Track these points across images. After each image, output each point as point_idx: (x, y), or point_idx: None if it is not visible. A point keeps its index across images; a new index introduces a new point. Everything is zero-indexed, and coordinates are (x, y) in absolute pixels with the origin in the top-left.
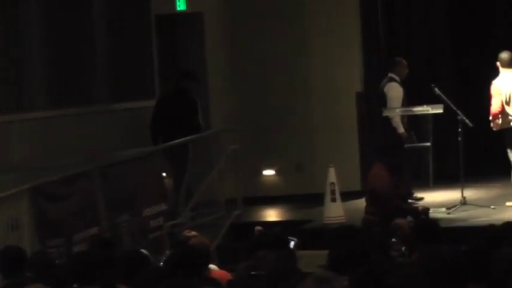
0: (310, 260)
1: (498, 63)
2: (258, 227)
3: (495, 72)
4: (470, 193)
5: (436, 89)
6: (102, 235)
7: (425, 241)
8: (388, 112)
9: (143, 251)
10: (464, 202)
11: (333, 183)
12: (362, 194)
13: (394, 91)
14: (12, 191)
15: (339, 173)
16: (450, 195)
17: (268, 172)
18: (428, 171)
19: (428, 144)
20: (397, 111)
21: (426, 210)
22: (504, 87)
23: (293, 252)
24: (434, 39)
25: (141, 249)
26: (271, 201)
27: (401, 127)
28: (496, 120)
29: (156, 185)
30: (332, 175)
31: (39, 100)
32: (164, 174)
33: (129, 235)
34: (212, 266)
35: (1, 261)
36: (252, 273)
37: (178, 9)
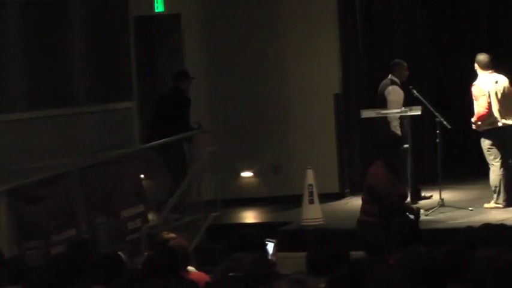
0: (288, 262)
1: (476, 66)
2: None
3: (473, 75)
4: (448, 195)
5: (415, 91)
6: (80, 237)
7: (403, 243)
8: (366, 114)
9: (120, 253)
10: (442, 204)
11: (311, 185)
12: (340, 195)
13: (395, 95)
14: None
15: (317, 175)
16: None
17: (246, 174)
18: (407, 172)
19: (407, 146)
20: (373, 114)
21: (418, 210)
22: (486, 88)
23: (271, 254)
24: (413, 41)
25: (119, 252)
26: (249, 203)
27: (398, 131)
28: (483, 121)
29: (134, 186)
30: (310, 177)
31: (17, 102)
32: (142, 176)
33: (106, 237)
34: (190, 267)
35: None
36: (230, 275)
37: (156, 10)
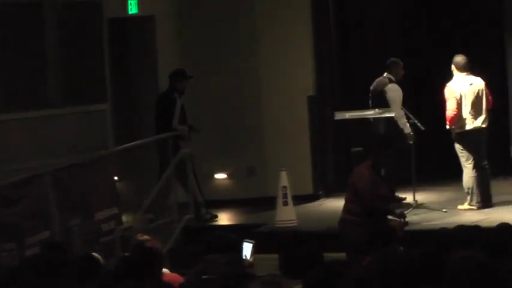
0: (262, 263)
1: (453, 67)
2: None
3: (448, 76)
4: (422, 196)
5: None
6: (54, 239)
7: (378, 244)
8: (340, 116)
9: (95, 255)
10: (416, 205)
11: (284, 187)
12: (314, 197)
13: (396, 92)
14: None
15: (291, 177)
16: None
17: (220, 176)
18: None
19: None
20: (347, 115)
21: (403, 214)
22: (458, 90)
23: (249, 255)
24: (387, 43)
25: (93, 253)
26: (223, 204)
27: (408, 127)
28: (453, 124)
29: (108, 188)
30: (284, 179)
31: None
32: (116, 177)
33: (81, 239)
34: (164, 269)
35: None
36: (204, 277)
37: (130, 12)
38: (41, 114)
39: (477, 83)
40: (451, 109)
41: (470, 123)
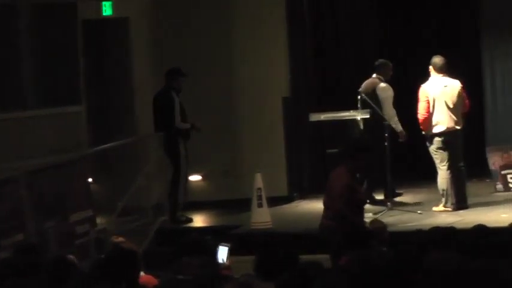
0: (237, 265)
1: (431, 67)
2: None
3: (423, 77)
4: (397, 198)
5: (363, 95)
6: (28, 241)
7: (353, 246)
8: (314, 117)
9: (69, 256)
10: (391, 207)
11: (259, 189)
12: (289, 199)
13: (388, 91)
14: None
15: (266, 179)
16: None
17: (195, 178)
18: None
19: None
20: (322, 117)
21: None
22: (432, 91)
23: (225, 258)
24: (362, 44)
25: (68, 255)
26: (198, 206)
27: (399, 126)
28: (425, 126)
29: (83, 190)
30: (259, 180)
31: None
32: (91, 179)
33: (55, 241)
34: None
35: None
36: (178, 278)
37: (105, 14)
38: (16, 116)
39: (453, 85)
40: (422, 112)
41: (444, 125)
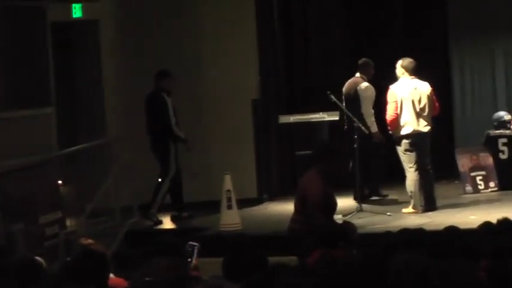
0: (206, 267)
1: (400, 69)
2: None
3: (391, 79)
4: (366, 200)
5: (332, 96)
6: None
7: (322, 246)
8: (283, 119)
9: (38, 258)
10: (360, 209)
11: (229, 191)
12: (258, 201)
13: (369, 91)
14: None
15: (235, 181)
16: (346, 202)
17: None
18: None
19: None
20: (291, 119)
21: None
22: (400, 93)
23: (193, 258)
24: (331, 46)
25: (36, 257)
26: (167, 208)
27: (375, 126)
28: (393, 128)
29: (52, 192)
30: (228, 182)
31: None
32: (60, 181)
33: (24, 243)
34: None
35: None
36: (147, 280)
37: (74, 16)
38: None
39: (422, 88)
40: (390, 113)
41: (412, 127)
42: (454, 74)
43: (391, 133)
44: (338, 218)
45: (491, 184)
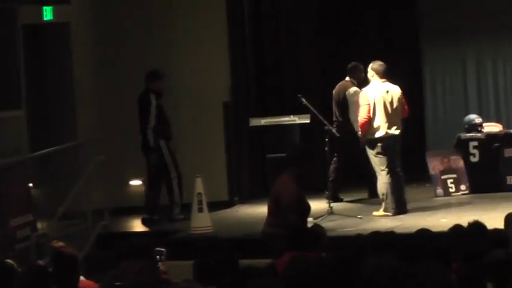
0: (177, 270)
1: (371, 72)
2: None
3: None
4: (337, 203)
5: (303, 99)
6: None
7: (294, 249)
8: (254, 122)
9: (8, 261)
10: (331, 212)
11: (200, 194)
12: (230, 203)
13: (357, 96)
14: None
15: (206, 183)
16: (317, 205)
17: (135, 182)
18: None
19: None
20: (262, 122)
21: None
22: (372, 96)
23: (157, 263)
24: (302, 49)
25: (7, 260)
26: (138, 211)
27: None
28: (364, 130)
29: (23, 195)
30: (199, 185)
31: None
32: (31, 184)
33: None
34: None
35: None
36: (117, 283)
37: (45, 18)
38: None
39: (393, 91)
40: (362, 116)
41: (383, 130)
42: (426, 76)
43: (360, 136)
44: (309, 221)
45: (462, 187)
